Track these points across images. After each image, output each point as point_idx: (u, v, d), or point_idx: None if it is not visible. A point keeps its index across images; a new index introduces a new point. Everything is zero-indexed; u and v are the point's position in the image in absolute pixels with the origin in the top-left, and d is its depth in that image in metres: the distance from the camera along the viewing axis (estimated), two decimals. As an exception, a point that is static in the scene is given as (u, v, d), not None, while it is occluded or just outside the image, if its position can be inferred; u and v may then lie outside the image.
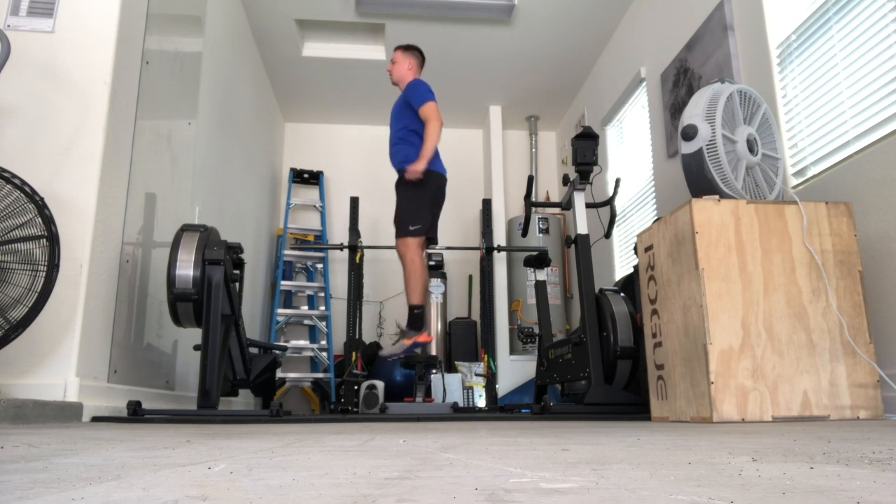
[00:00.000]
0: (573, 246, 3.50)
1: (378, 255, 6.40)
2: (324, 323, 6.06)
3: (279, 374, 5.23)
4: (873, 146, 2.49)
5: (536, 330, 4.34)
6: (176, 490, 0.63)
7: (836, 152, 2.72)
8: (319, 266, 6.31)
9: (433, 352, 5.75)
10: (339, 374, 5.44)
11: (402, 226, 3.57)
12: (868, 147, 2.52)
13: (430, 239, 3.71)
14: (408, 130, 3.75)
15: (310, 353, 6.00)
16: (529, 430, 1.77)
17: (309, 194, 6.65)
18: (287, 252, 6.10)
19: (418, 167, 3.58)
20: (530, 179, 3.93)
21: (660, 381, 2.57)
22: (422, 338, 3.55)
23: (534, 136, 6.95)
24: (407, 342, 3.51)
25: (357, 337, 5.41)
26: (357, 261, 5.50)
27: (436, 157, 3.73)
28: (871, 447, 1.04)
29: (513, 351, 5.77)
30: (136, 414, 2.53)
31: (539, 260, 4.26)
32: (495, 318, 5.71)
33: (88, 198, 2.61)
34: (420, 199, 3.61)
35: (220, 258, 2.88)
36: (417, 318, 3.58)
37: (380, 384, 4.33)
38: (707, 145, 2.52)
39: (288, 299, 6.19)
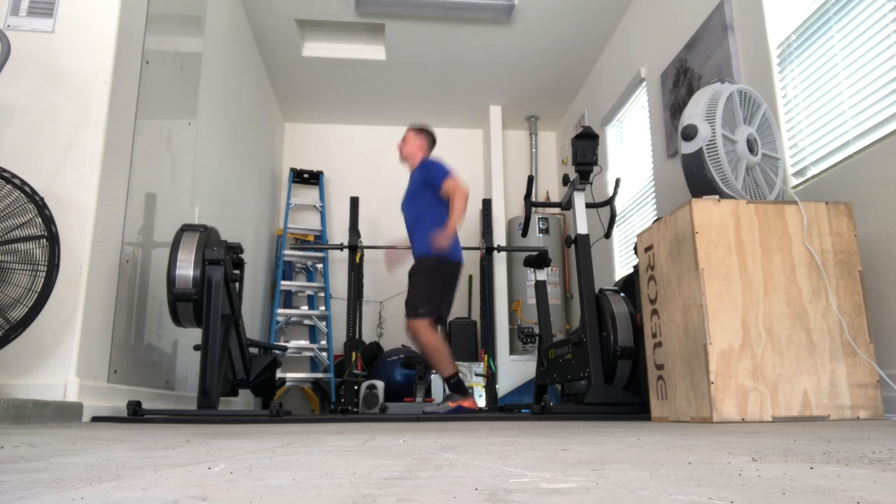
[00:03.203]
0: (573, 246, 3.50)
1: (378, 255, 6.40)
2: (324, 323, 6.06)
3: (279, 374, 5.23)
4: (873, 146, 2.49)
5: (536, 330, 4.34)
6: (176, 490, 0.63)
7: (836, 152, 2.72)
8: (319, 266, 6.31)
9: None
10: (339, 374, 5.44)
11: (413, 308, 3.56)
12: (868, 147, 2.52)
13: (440, 320, 3.67)
14: (429, 207, 3.67)
15: (310, 353, 6.00)
16: (529, 430, 1.77)
17: (309, 194, 6.65)
18: (287, 252, 6.10)
19: (443, 242, 3.54)
20: (530, 179, 3.93)
21: (660, 381, 2.57)
22: (468, 403, 3.50)
23: (534, 136, 6.95)
24: (452, 405, 3.47)
25: (357, 337, 5.41)
26: (357, 261, 5.50)
27: (455, 244, 3.68)
28: (871, 447, 1.04)
29: (513, 351, 5.77)
30: (136, 414, 2.52)
31: (539, 260, 4.26)
32: (495, 318, 5.71)
33: (88, 198, 2.61)
34: (434, 285, 3.61)
35: (220, 258, 2.88)
36: (457, 386, 3.57)
37: (380, 384, 4.33)
38: (707, 145, 2.52)
39: (288, 299, 6.19)
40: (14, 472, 0.78)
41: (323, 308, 6.12)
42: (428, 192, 3.67)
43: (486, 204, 5.94)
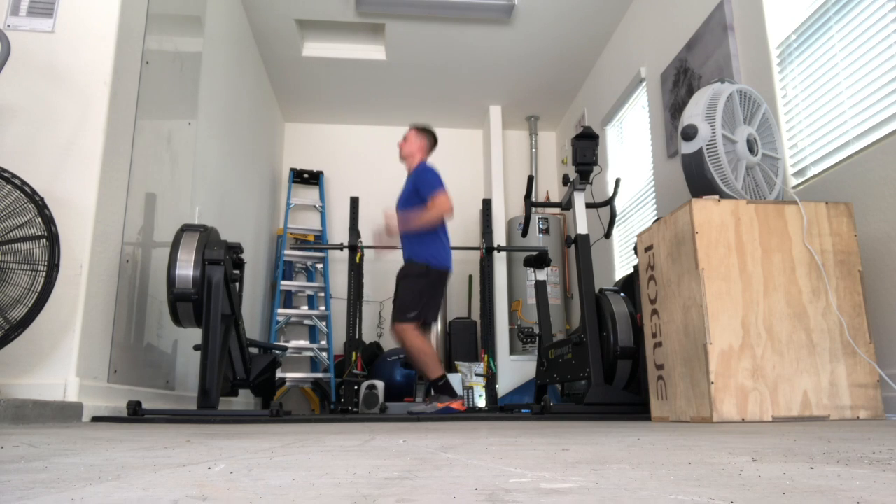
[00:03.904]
0: (573, 246, 3.50)
1: (378, 255, 6.40)
2: (324, 323, 6.06)
3: (279, 374, 5.23)
4: (873, 146, 2.49)
5: (536, 330, 4.34)
6: (176, 490, 0.63)
7: (836, 152, 2.72)
8: (319, 266, 6.31)
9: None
10: (339, 374, 5.44)
11: (399, 313, 3.59)
12: (868, 147, 2.52)
13: (427, 324, 3.68)
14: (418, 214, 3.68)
15: (310, 353, 6.00)
16: (529, 430, 1.77)
17: (309, 194, 6.65)
18: (287, 252, 6.10)
19: (396, 224, 3.65)
20: (530, 179, 3.93)
21: (660, 381, 2.57)
22: (456, 404, 3.51)
23: (534, 136, 6.95)
24: (440, 405, 3.48)
25: (357, 337, 5.41)
26: (357, 261, 5.50)
27: (444, 252, 3.70)
28: (871, 447, 1.04)
29: (513, 351, 5.77)
30: (136, 414, 2.53)
31: (539, 260, 4.26)
32: (495, 318, 5.71)
33: (88, 198, 2.61)
34: (421, 290, 3.63)
35: (220, 258, 2.88)
36: (444, 388, 3.58)
37: (380, 384, 4.33)
38: (707, 145, 2.52)
39: (288, 299, 6.19)
40: (14, 472, 0.78)
41: (323, 308, 6.12)
42: (417, 199, 3.67)
43: (486, 204, 5.94)
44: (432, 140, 3.94)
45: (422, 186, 3.67)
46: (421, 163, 3.82)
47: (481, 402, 5.04)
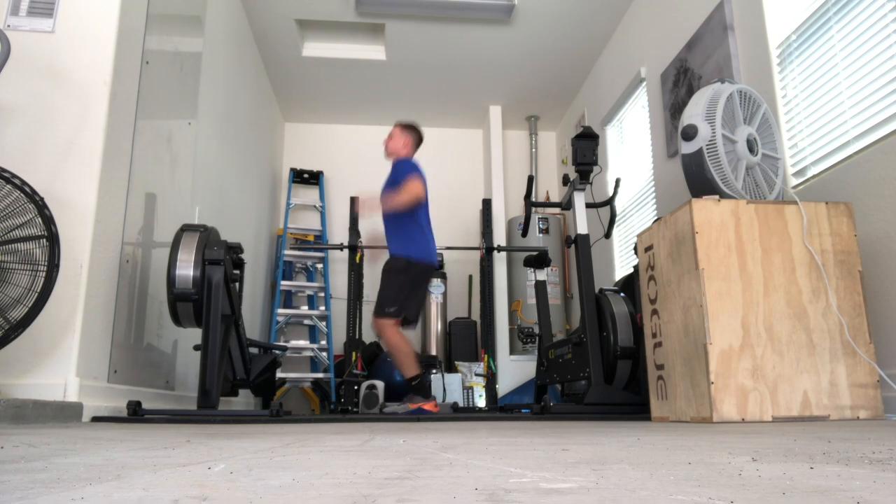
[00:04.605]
0: (573, 246, 3.50)
1: (377, 255, 6.40)
2: (324, 323, 6.06)
3: (279, 374, 5.23)
4: (873, 146, 2.49)
5: (536, 330, 4.34)
6: (176, 490, 0.63)
7: (836, 152, 2.72)
8: (319, 266, 6.31)
9: (433, 352, 5.76)
10: (339, 374, 5.44)
11: (380, 306, 3.60)
12: (868, 147, 2.52)
13: (406, 321, 3.68)
14: (396, 218, 3.71)
15: (310, 353, 6.00)
16: (529, 430, 1.77)
17: (309, 194, 6.65)
18: (287, 252, 6.10)
19: (375, 199, 3.73)
20: (530, 179, 3.93)
21: (660, 381, 2.57)
22: (428, 405, 3.51)
23: (534, 136, 6.95)
24: (412, 406, 3.49)
25: (357, 337, 5.41)
26: (357, 261, 5.50)
27: (426, 246, 3.72)
28: (871, 447, 1.04)
29: (513, 351, 5.77)
30: (136, 414, 2.53)
31: (539, 260, 4.26)
32: (495, 318, 5.71)
33: (88, 198, 2.61)
34: (402, 285, 3.64)
35: (220, 258, 2.88)
36: (418, 388, 3.58)
37: (380, 384, 4.33)
38: (707, 145, 2.52)
39: (288, 299, 6.19)
40: (14, 472, 0.78)
41: (323, 308, 6.12)
42: (396, 192, 3.70)
43: (486, 204, 5.94)
44: (417, 137, 3.95)
45: (399, 174, 3.71)
46: (404, 158, 3.84)
47: (481, 402, 5.04)
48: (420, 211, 3.70)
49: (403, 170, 3.71)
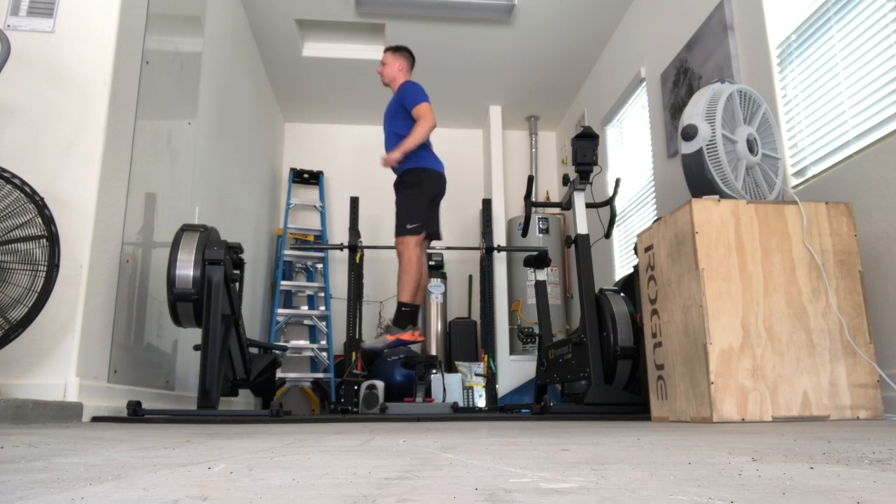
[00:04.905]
0: (573, 246, 3.50)
1: (378, 255, 6.41)
2: (324, 323, 6.06)
3: (279, 374, 5.23)
4: (873, 146, 2.49)
5: (536, 330, 4.34)
6: (176, 490, 0.63)
7: (836, 152, 2.72)
8: (319, 266, 6.31)
9: (433, 352, 5.76)
10: (339, 374, 5.44)
11: (401, 224, 3.61)
12: (868, 147, 2.52)
13: (432, 235, 3.71)
14: (399, 136, 3.77)
15: (310, 353, 6.00)
16: (529, 430, 1.77)
17: (309, 194, 6.65)
18: (287, 252, 6.10)
19: (393, 156, 3.68)
20: (530, 179, 3.93)
21: (660, 381, 2.57)
22: (406, 335, 3.51)
23: (534, 136, 6.95)
24: (390, 338, 3.49)
25: (357, 337, 5.41)
26: (357, 261, 5.50)
27: (430, 154, 3.77)
28: (871, 447, 1.04)
29: (513, 351, 5.77)
30: (136, 414, 2.52)
31: (539, 260, 4.26)
32: (495, 318, 5.71)
33: (88, 198, 2.61)
34: (418, 198, 3.64)
35: (220, 258, 2.87)
36: (404, 316, 3.57)
37: (380, 384, 4.32)
38: (707, 145, 2.52)
39: (288, 299, 6.19)
40: (14, 472, 0.78)
41: (323, 308, 6.12)
42: (402, 115, 3.74)
43: (486, 204, 5.94)
44: (410, 57, 3.97)
45: (406, 100, 3.72)
46: (405, 81, 3.83)
47: (481, 402, 5.04)
48: None
49: (412, 93, 3.71)
